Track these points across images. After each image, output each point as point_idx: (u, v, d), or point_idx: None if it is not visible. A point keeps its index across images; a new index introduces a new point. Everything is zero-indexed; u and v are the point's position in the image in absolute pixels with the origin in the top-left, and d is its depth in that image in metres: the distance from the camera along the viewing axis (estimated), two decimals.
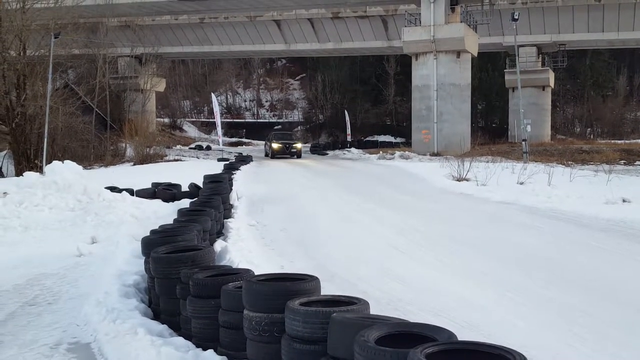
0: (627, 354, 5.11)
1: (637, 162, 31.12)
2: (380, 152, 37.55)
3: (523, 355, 3.08)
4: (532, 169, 21.25)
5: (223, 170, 22.10)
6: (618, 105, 61.58)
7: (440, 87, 33.33)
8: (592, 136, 55.32)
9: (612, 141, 44.65)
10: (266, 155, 41.17)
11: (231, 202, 14.22)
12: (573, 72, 58.64)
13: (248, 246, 9.32)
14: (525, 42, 41.49)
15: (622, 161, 31.60)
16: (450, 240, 10.53)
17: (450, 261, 8.86)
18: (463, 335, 3.56)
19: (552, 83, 47.63)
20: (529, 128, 28.72)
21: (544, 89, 46.63)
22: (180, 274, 5.56)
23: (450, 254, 9.37)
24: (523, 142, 28.19)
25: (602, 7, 41.36)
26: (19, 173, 14.88)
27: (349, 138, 52.20)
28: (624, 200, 15.19)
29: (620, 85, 63.85)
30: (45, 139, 18.91)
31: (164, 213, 12.17)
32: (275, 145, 39.07)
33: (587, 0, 40.85)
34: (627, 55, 61.75)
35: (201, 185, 15.69)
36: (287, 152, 38.64)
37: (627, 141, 44.64)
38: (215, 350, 4.70)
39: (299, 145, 40.82)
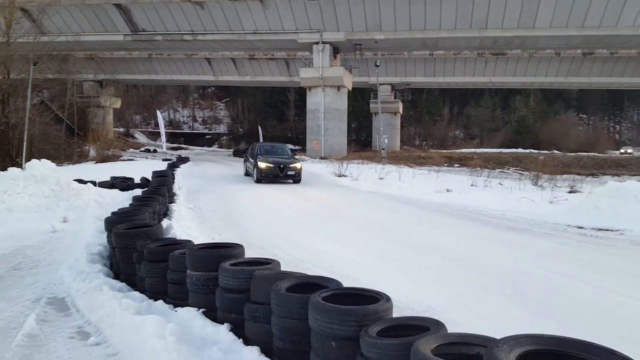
0: (447, 289, 5.32)
1: (456, 165, 32.73)
2: None
3: (388, 295, 3.12)
4: (388, 169, 21.95)
5: (167, 168, 21.38)
6: (443, 126, 64.66)
7: (326, 111, 33.72)
8: (426, 147, 57.60)
9: (440, 151, 46.71)
10: (247, 174, 19.75)
11: (174, 191, 13.85)
12: (414, 103, 60.90)
13: (187, 224, 9.15)
14: (383, 82, 42.61)
15: (446, 164, 33.14)
16: (335, 219, 10.67)
17: (336, 234, 8.96)
18: (346, 283, 3.54)
19: (401, 110, 49.38)
20: (386, 141, 29.50)
21: (395, 114, 48.28)
22: (137, 245, 5.46)
23: (336, 229, 9.48)
24: (382, 150, 29.01)
25: (434, 60, 43.19)
26: (3, 169, 13.85)
27: None
28: (447, 190, 15.98)
29: (445, 113, 66.92)
30: (25, 143, 18.16)
31: (121, 199, 11.67)
32: (262, 165, 17.46)
33: (424, 55, 42.49)
34: (450, 93, 64.73)
35: (150, 179, 15.17)
36: (282, 176, 17.40)
37: (449, 151, 46.81)
38: (164, 301, 4.64)
39: (298, 165, 18.24)
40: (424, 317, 2.90)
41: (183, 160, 29.88)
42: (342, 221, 10.33)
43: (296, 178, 17.73)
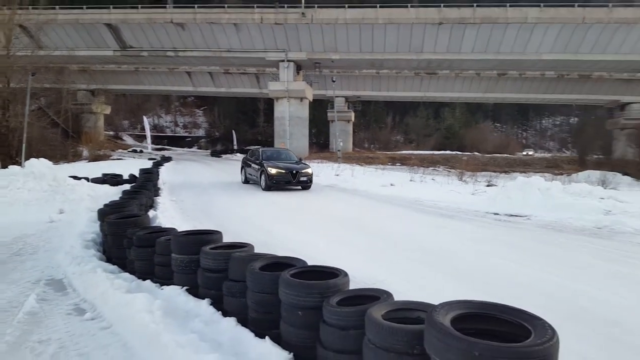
0: (393, 265, 5.38)
1: (397, 164, 33.21)
2: None
3: (345, 271, 3.12)
4: (343, 167, 22.00)
5: (152, 166, 20.74)
6: (387, 132, 65.35)
7: (291, 118, 33.55)
8: (374, 149, 58.17)
9: (385, 152, 47.31)
10: (246, 182, 15.57)
11: (159, 186, 13.46)
12: (364, 112, 61.43)
13: (171, 214, 8.87)
14: (339, 95, 42.77)
15: (390, 163, 33.60)
16: (299, 210, 10.59)
17: (300, 221, 8.89)
18: (310, 262, 3.52)
19: (353, 119, 49.65)
20: (341, 144, 29.67)
21: (348, 122, 48.48)
22: (127, 232, 5.23)
23: (300, 218, 9.42)
24: (338, 152, 29.10)
25: (380, 77, 43.65)
26: (3, 167, 13.17)
27: (235, 147, 51.18)
28: (391, 184, 16.12)
29: (388, 121, 67.70)
30: (24, 144, 17.36)
31: (112, 193, 11.21)
32: (273, 171, 13.66)
33: (371, 73, 42.88)
34: (393, 105, 65.46)
35: (137, 175, 14.68)
36: (294, 182, 13.94)
37: (392, 152, 47.50)
38: (152, 280, 4.46)
39: (309, 170, 14.59)
40: (375, 289, 2.91)
41: (166, 159, 29.15)
42: (305, 211, 10.29)
43: (307, 184, 14.17)
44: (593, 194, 11.31)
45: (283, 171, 13.66)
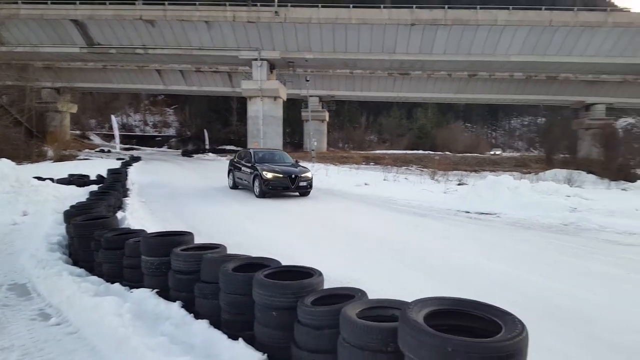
0: (368, 263, 5.42)
1: (371, 163, 33.47)
2: (228, 155, 36.72)
3: (320, 271, 3.11)
4: (317, 166, 22.00)
5: (121, 166, 20.18)
6: (361, 132, 65.85)
7: (265, 117, 33.34)
8: (348, 149, 58.45)
9: (359, 152, 47.60)
10: (235, 187, 13.90)
11: (128, 187, 13.08)
12: (338, 112, 61.57)
13: (141, 215, 8.63)
14: (313, 94, 42.74)
15: (364, 163, 33.81)
16: (273, 209, 10.51)
17: (275, 220, 8.83)
18: (285, 262, 3.49)
19: (327, 118, 49.77)
20: (315, 143, 29.70)
21: (323, 122, 48.58)
22: (94, 234, 5.06)
23: (274, 216, 9.35)
24: (312, 151, 29.12)
25: (353, 77, 43.88)
26: None
27: (207, 146, 50.49)
28: (365, 184, 16.23)
29: (362, 121, 68.20)
30: None
31: (78, 195, 10.84)
32: (269, 175, 11.81)
33: (345, 73, 43.06)
34: (366, 105, 65.93)
35: (105, 176, 14.25)
36: (293, 188, 12.02)
37: (366, 152, 47.83)
38: (121, 283, 4.33)
39: (309, 174, 12.57)
40: (350, 287, 2.92)
41: (135, 159, 28.47)
42: (279, 210, 10.23)
43: (307, 190, 12.41)
44: (560, 192, 11.70)
45: (280, 175, 11.87)
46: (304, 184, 12.18)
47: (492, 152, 59.23)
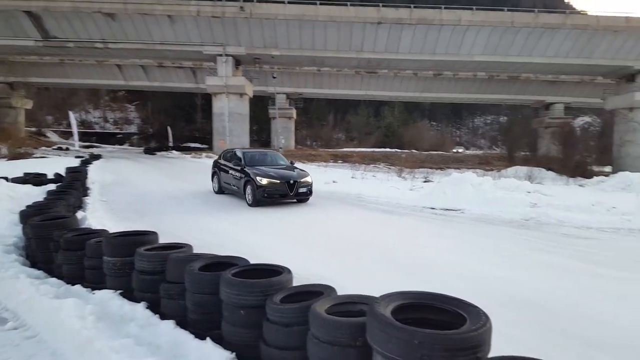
0: (336, 260, 5.46)
1: (339, 161, 33.68)
2: (193, 153, 36.12)
3: (289, 268, 3.13)
4: None
5: (80, 164, 19.43)
6: (329, 130, 66.10)
7: (231, 114, 32.94)
8: (316, 147, 58.54)
9: (327, 150, 47.79)
10: (221, 192, 12.22)
11: (88, 186, 12.66)
12: (306, 110, 61.53)
13: (102, 215, 8.43)
14: (280, 91, 42.52)
15: (332, 160, 33.96)
16: (239, 206, 10.40)
17: (240, 219, 8.76)
18: (253, 260, 3.49)
19: (295, 116, 49.62)
20: (283, 141, 29.64)
21: (290, 119, 48.41)
22: (53, 235, 4.92)
23: (239, 215, 9.26)
24: (280, 149, 29.01)
25: (321, 74, 43.95)
26: None
27: (170, 144, 49.42)
28: (333, 181, 16.32)
29: (330, 119, 68.47)
30: None
31: (35, 194, 10.38)
32: (264, 181, 10.16)
33: (313, 70, 43.05)
34: (334, 102, 66.20)
35: (64, 174, 13.72)
36: (292, 195, 10.43)
37: (334, 150, 48.06)
38: (82, 285, 4.21)
39: (309, 178, 10.91)
40: (319, 284, 2.95)
41: (96, 157, 27.50)
42: (247, 209, 10.15)
43: (307, 197, 10.92)
44: (521, 188, 12.16)
45: (277, 181, 10.27)
46: (304, 190, 10.66)
47: (454, 150, 60.85)
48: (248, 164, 11.19)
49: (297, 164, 15.96)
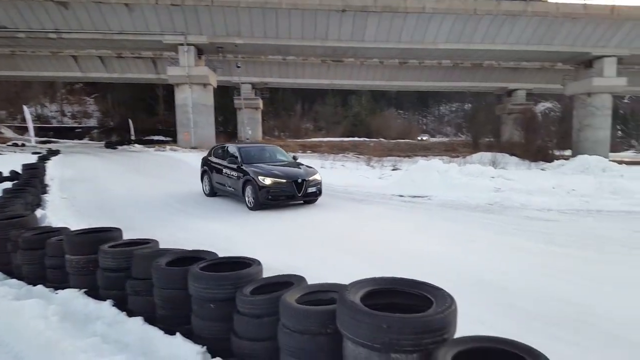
0: (305, 251, 5.53)
1: (308, 151, 33.69)
2: (156, 146, 35.26)
3: (258, 260, 3.15)
4: None
5: (38, 160, 18.66)
6: (297, 120, 65.82)
7: (195, 106, 32.32)
8: (284, 137, 58.25)
9: (295, 140, 47.66)
10: (213, 194, 10.66)
11: (47, 182, 12.17)
12: (273, 100, 60.94)
13: (63, 212, 8.18)
14: (245, 81, 41.96)
15: (300, 151, 33.94)
16: (204, 199, 10.28)
17: (208, 212, 8.66)
18: (222, 254, 3.47)
19: (261, 106, 49.09)
20: (250, 132, 29.39)
21: (257, 109, 47.88)
22: (11, 234, 4.77)
23: (209, 207, 9.16)
24: (247, 140, 28.72)
25: (287, 63, 43.56)
26: None
27: (132, 137, 48.05)
28: None
29: (298, 108, 68.17)
30: None
31: None
32: (267, 181, 8.80)
33: (278, 59, 42.62)
34: (301, 92, 65.91)
35: (20, 172, 13.15)
36: (300, 196, 9.11)
37: (302, 140, 48.00)
38: (44, 285, 4.10)
39: (318, 176, 9.73)
40: (289, 275, 2.98)
41: (54, 153, 26.49)
42: (212, 199, 10.04)
43: (315, 197, 9.74)
44: (485, 174, 12.53)
45: (283, 181, 9.00)
46: (313, 189, 9.41)
47: (419, 138, 61.99)
48: (245, 161, 9.85)
49: None
